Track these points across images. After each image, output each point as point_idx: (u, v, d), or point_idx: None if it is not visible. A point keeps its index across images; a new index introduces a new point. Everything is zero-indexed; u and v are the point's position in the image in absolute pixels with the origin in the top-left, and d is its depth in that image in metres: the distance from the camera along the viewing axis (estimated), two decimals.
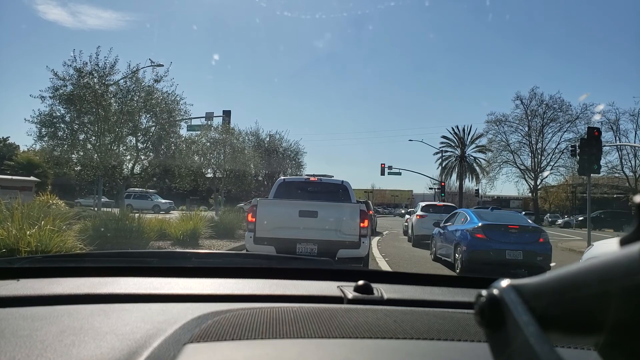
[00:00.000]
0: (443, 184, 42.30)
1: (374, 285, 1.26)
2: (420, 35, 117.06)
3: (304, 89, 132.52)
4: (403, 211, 43.60)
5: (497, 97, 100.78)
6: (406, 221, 20.80)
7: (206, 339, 0.83)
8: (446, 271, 10.05)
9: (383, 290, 1.25)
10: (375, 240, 16.29)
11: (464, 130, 55.74)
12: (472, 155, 55.63)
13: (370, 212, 14.52)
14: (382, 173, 41.29)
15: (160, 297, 1.16)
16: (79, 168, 17.08)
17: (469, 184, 56.71)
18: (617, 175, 46.96)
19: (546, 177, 49.54)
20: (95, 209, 19.23)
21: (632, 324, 0.36)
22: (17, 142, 47.16)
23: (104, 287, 1.23)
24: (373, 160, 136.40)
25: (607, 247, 5.66)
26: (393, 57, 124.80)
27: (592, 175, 15.94)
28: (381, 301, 1.19)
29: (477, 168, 54.77)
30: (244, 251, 7.58)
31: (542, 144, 48.92)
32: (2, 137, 47.44)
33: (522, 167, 50.00)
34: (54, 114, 15.25)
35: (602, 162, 17.59)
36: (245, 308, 1.03)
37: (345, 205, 7.73)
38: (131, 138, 16.19)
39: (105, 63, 15.41)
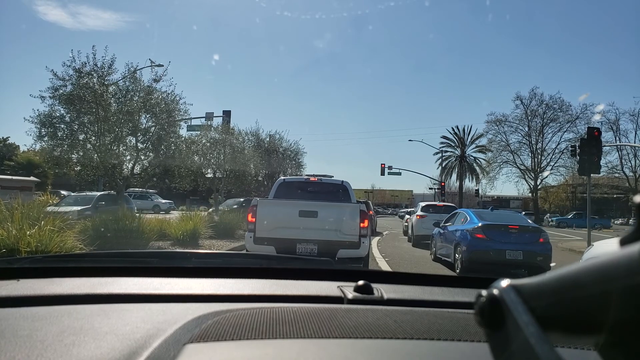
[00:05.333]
0: (443, 184, 42.34)
1: (374, 285, 1.26)
2: (420, 35, 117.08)
3: (304, 89, 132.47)
4: (391, 211, 43.20)
5: (497, 97, 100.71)
6: (406, 221, 20.80)
7: (206, 339, 0.83)
8: (446, 271, 10.05)
9: (383, 290, 1.25)
10: (375, 241, 16.28)
11: (464, 130, 55.81)
12: (472, 155, 55.69)
13: (371, 212, 14.52)
14: (382, 173, 41.34)
15: (161, 297, 1.16)
16: (79, 168, 17.06)
17: (469, 184, 56.78)
18: (617, 175, 47.00)
19: (546, 177, 49.56)
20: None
21: (632, 324, 0.36)
22: (17, 142, 47.14)
23: (104, 287, 1.23)
24: (373, 160, 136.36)
25: (607, 247, 5.66)
26: (393, 57, 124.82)
27: (592, 175, 15.95)
28: (381, 301, 1.19)
29: (477, 168, 54.80)
30: (244, 251, 7.58)
31: (542, 144, 48.94)
32: (2, 137, 47.41)
33: (522, 167, 50.00)
34: (53, 114, 15.24)
35: (602, 162, 17.58)
36: (245, 308, 1.03)
37: (345, 206, 7.73)
38: (131, 138, 16.16)
39: (103, 63, 15.40)
